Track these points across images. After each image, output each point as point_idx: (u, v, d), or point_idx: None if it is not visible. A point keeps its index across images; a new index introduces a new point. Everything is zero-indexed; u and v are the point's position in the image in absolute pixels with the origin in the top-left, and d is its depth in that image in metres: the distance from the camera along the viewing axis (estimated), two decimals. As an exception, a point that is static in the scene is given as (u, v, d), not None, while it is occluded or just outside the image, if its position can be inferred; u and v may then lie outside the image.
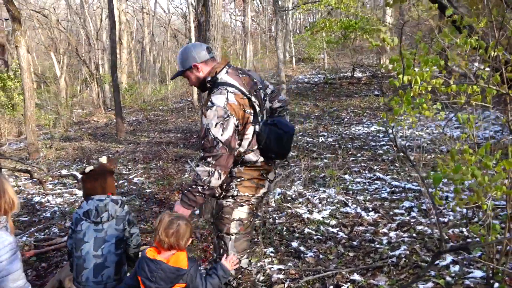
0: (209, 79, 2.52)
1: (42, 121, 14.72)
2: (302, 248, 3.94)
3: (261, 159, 2.57)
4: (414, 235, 4.00)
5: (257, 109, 2.55)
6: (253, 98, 2.51)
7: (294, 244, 4.01)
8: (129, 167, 7.81)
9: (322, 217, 4.55)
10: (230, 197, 2.57)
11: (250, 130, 2.50)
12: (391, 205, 4.86)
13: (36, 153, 9.57)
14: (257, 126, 2.53)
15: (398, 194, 5.14)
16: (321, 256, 3.77)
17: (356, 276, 3.27)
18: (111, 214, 2.43)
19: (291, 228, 4.35)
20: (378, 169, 6.24)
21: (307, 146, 8.01)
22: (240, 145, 2.49)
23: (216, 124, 2.30)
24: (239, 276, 2.64)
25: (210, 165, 2.33)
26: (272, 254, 3.84)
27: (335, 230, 4.28)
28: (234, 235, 2.59)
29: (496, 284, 2.79)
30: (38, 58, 30.28)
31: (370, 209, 4.75)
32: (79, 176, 4.93)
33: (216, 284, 2.27)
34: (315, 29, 11.57)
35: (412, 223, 4.27)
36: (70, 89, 22.90)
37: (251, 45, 24.58)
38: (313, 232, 4.24)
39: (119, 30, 18.71)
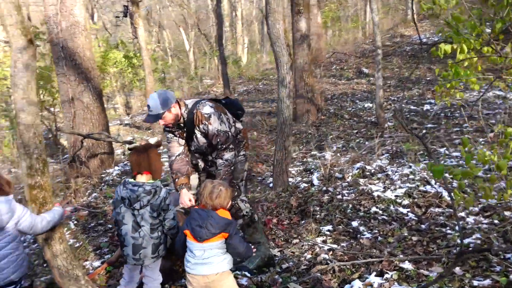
0: (184, 109, 3.14)
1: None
2: (362, 228, 3.74)
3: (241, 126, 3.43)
4: (496, 221, 3.50)
5: None
6: None
7: (355, 223, 3.83)
8: (227, 137, 8.19)
9: (396, 196, 4.23)
10: (242, 155, 3.42)
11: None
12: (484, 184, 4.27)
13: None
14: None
15: (496, 173, 4.47)
16: (379, 238, 3.55)
17: (406, 264, 3.01)
18: (144, 204, 2.57)
19: (357, 206, 4.14)
20: (483, 142, 5.50)
21: (408, 115, 7.38)
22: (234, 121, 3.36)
23: (220, 124, 3.11)
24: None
25: (232, 149, 3.20)
26: (328, 233, 3.74)
27: (405, 210, 3.96)
28: (244, 180, 3.46)
29: None
30: (173, 34, 32.96)
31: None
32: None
33: (248, 250, 2.50)
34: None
35: (498, 207, 3.72)
36: (199, 61, 24.64)
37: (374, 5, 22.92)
38: (380, 212, 3.98)
39: (233, 2, 19.20)
